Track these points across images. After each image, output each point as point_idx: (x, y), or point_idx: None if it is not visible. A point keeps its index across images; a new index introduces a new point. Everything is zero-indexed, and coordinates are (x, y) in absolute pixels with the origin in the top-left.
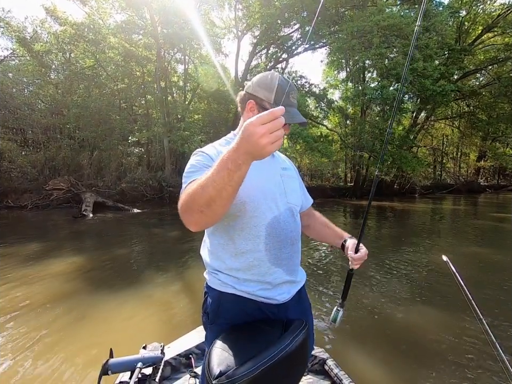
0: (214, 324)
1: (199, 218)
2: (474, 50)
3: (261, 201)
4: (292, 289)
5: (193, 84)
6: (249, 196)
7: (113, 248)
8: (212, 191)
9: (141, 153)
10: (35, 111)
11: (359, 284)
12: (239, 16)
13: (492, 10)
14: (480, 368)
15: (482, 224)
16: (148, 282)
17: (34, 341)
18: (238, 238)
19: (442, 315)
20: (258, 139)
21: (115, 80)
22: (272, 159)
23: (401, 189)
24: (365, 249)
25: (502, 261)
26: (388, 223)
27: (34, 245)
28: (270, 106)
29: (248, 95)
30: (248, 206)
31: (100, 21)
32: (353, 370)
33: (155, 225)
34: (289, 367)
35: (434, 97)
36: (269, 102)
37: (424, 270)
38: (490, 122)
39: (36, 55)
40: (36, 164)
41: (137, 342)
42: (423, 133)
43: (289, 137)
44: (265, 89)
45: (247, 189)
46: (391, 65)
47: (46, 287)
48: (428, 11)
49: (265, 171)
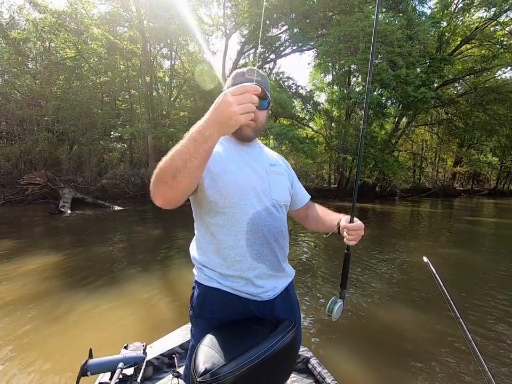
0: (199, 317)
1: (164, 190)
2: (453, 60)
3: (242, 197)
4: (278, 285)
5: (179, 80)
6: (229, 193)
7: (92, 246)
8: (178, 161)
9: (123, 149)
10: (10, 102)
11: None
12: (228, 14)
13: (470, 23)
14: (457, 366)
15: (458, 227)
16: (129, 281)
17: (8, 342)
18: (220, 234)
19: (422, 315)
20: (227, 107)
21: (97, 72)
22: (259, 156)
23: (382, 191)
24: (360, 222)
25: (477, 262)
26: (369, 224)
27: (7, 241)
28: None
29: None
30: (228, 202)
31: (83, 10)
32: (336, 369)
33: (137, 223)
34: (275, 367)
35: (415, 104)
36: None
37: (405, 270)
38: (467, 130)
39: (13, 43)
40: (10, 157)
41: (118, 341)
42: (404, 138)
43: (275, 137)
44: (228, 81)
45: (228, 185)
46: (376, 70)
47: (20, 286)
48: (412, 20)
49: (250, 167)
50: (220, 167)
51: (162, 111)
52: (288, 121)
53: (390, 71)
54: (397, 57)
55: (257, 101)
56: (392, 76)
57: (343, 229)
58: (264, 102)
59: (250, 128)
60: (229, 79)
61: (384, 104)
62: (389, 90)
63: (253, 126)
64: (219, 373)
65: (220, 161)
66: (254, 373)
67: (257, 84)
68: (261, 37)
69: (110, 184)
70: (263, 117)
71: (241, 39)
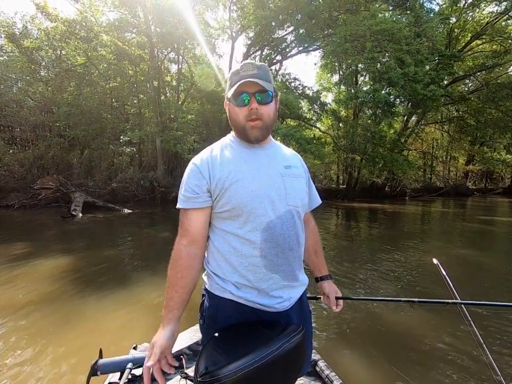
0: (210, 328)
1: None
2: (463, 57)
3: (255, 205)
4: (292, 295)
5: (186, 83)
6: (243, 202)
7: (103, 248)
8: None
9: (132, 152)
10: (24, 109)
11: (350, 285)
12: (234, 17)
13: (481, 18)
14: (468, 369)
15: (470, 227)
16: (138, 283)
17: (20, 342)
18: (233, 243)
19: (431, 317)
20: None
21: (107, 78)
22: (273, 158)
23: (392, 191)
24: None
25: (489, 263)
26: (379, 225)
27: (20, 245)
28: (226, 94)
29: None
30: (241, 211)
31: (92, 18)
32: (344, 371)
33: (146, 225)
34: (277, 371)
35: (424, 102)
36: (227, 91)
37: (414, 271)
38: (479, 127)
39: (25, 52)
40: (24, 163)
41: (128, 342)
42: (414, 137)
43: (282, 139)
44: (227, 83)
45: (240, 193)
46: (383, 69)
47: (33, 288)
48: (419, 17)
49: (263, 172)
50: (232, 175)
51: (170, 115)
52: (295, 122)
53: (398, 69)
54: (405, 55)
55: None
56: (400, 74)
57: (324, 295)
58: (266, 95)
59: (256, 129)
60: (227, 80)
61: (392, 103)
62: (397, 89)
63: (259, 126)
64: (219, 374)
65: (231, 169)
66: (255, 375)
67: (255, 77)
68: (266, 40)
69: (120, 187)
70: (268, 111)
71: (247, 42)
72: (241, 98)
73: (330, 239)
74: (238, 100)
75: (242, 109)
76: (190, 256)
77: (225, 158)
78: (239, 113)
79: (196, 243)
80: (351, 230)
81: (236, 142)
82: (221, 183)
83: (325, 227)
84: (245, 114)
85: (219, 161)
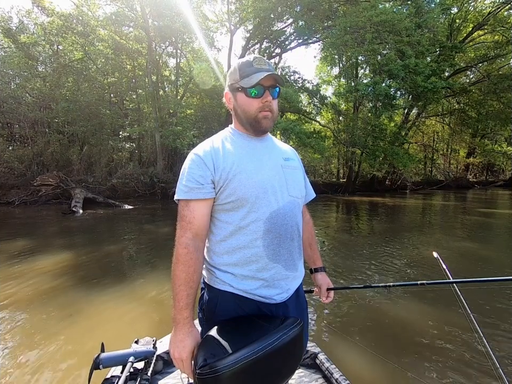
0: (210, 321)
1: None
2: (465, 48)
3: (259, 196)
4: (291, 286)
5: (185, 78)
6: (248, 192)
7: (104, 244)
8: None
9: (132, 148)
10: (22, 105)
11: (350, 278)
12: (232, 10)
13: (483, 8)
14: (468, 362)
15: (470, 220)
16: (140, 278)
17: (23, 337)
18: (236, 234)
19: (431, 310)
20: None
21: (105, 73)
22: (272, 150)
23: (393, 184)
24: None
25: (490, 256)
26: (379, 218)
27: (22, 241)
28: (238, 84)
29: (226, 89)
30: (245, 202)
31: (89, 12)
32: (344, 364)
33: (147, 221)
34: (275, 363)
35: (425, 94)
36: (237, 81)
37: (414, 265)
38: (480, 119)
39: (22, 47)
40: (24, 159)
41: (129, 336)
42: (414, 130)
43: (281, 133)
44: (233, 74)
45: (244, 184)
46: (384, 61)
47: (35, 284)
48: (420, 7)
49: (265, 164)
50: (235, 167)
51: (169, 110)
52: (294, 116)
53: (398, 61)
54: (406, 47)
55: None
56: (401, 66)
57: (317, 286)
58: (276, 90)
59: (267, 119)
60: (235, 70)
61: (392, 96)
62: (398, 81)
63: (270, 117)
64: (217, 365)
65: (234, 160)
66: (253, 367)
67: (270, 72)
68: (265, 32)
69: (120, 183)
70: (276, 106)
71: (246, 35)
72: (258, 90)
73: (331, 232)
74: (256, 90)
75: (255, 100)
76: (197, 249)
77: (227, 150)
78: (253, 103)
79: (200, 236)
80: (351, 224)
81: (236, 134)
82: (225, 174)
83: (326, 221)
84: (258, 106)
85: (221, 152)
